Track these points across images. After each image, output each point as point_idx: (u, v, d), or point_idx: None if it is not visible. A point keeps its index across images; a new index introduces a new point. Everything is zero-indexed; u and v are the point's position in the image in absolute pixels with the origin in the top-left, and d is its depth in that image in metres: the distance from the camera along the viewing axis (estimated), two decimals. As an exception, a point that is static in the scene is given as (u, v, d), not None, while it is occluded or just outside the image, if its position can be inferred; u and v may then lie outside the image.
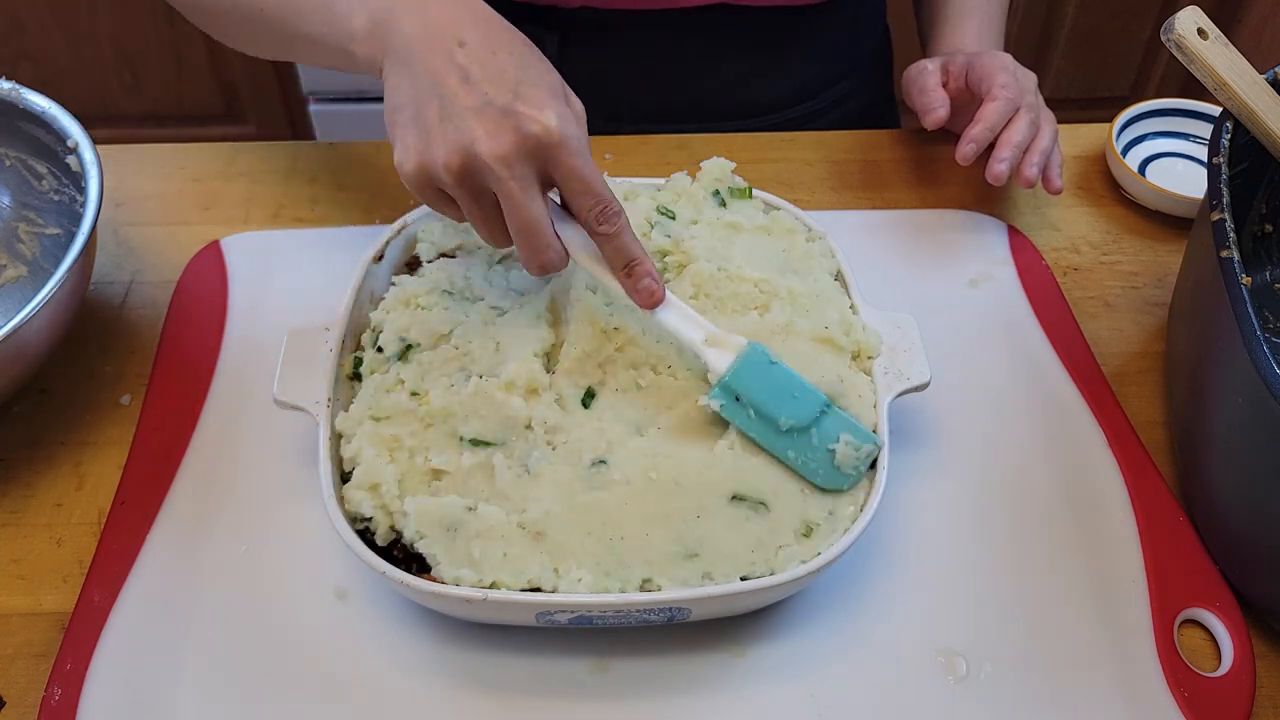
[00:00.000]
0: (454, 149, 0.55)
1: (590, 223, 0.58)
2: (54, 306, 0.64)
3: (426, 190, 0.59)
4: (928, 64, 0.85)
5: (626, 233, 0.59)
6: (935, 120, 0.81)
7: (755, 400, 0.58)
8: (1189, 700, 0.57)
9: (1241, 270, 0.57)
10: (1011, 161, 0.77)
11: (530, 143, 0.55)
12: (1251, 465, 0.58)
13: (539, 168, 0.56)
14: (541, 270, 0.59)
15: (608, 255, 0.59)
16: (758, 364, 0.59)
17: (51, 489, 0.68)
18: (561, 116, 0.56)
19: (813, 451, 0.59)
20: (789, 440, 0.59)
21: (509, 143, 0.55)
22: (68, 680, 0.58)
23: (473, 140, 0.55)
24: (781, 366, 0.60)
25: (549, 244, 0.58)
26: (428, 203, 0.60)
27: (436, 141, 0.56)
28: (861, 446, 0.59)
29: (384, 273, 0.70)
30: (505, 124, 0.55)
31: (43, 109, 0.73)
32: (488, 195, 0.58)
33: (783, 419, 0.58)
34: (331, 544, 0.63)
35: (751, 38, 0.94)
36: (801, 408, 0.59)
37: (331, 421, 0.61)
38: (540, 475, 0.58)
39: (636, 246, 0.59)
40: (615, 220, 0.58)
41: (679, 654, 0.59)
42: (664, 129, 0.94)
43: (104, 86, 1.93)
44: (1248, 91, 0.65)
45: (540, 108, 0.55)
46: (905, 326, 0.66)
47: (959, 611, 0.62)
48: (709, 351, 0.60)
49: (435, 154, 0.56)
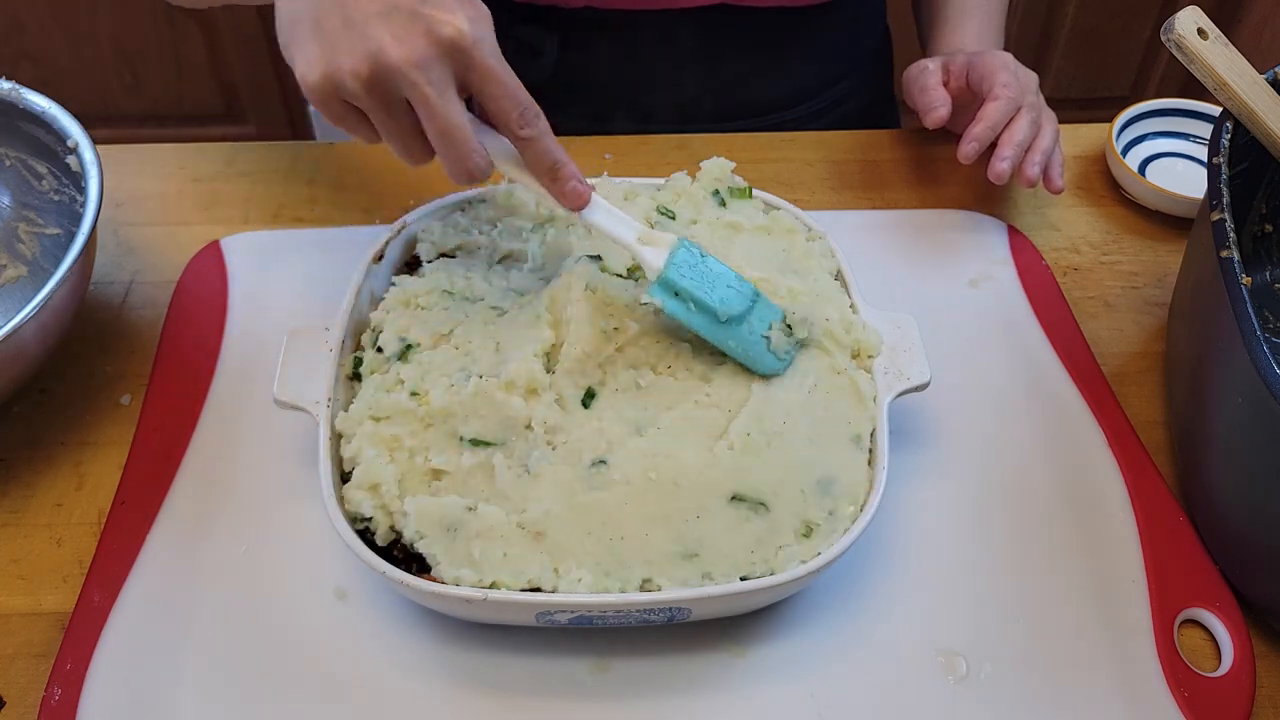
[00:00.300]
0: (362, 56, 0.53)
1: (511, 127, 0.57)
2: (54, 306, 0.64)
3: (333, 104, 0.56)
4: (928, 63, 0.84)
5: (548, 136, 0.58)
6: (936, 119, 0.81)
7: (694, 293, 0.60)
8: (1189, 700, 0.57)
9: (1241, 270, 0.57)
10: (1013, 160, 0.77)
11: (443, 45, 0.53)
12: (1251, 465, 0.58)
13: (454, 71, 0.55)
14: (468, 177, 0.57)
15: (530, 160, 0.59)
16: (691, 258, 0.61)
17: (51, 489, 0.68)
18: (473, 19, 0.54)
19: (751, 339, 0.61)
20: (728, 330, 0.60)
21: (421, 46, 0.53)
22: (68, 680, 0.58)
23: (380, 46, 0.53)
24: (712, 260, 0.61)
25: (473, 148, 0.56)
26: (334, 120, 0.57)
27: (341, 50, 0.54)
28: (793, 331, 0.62)
29: (384, 273, 0.70)
30: (415, 27, 0.53)
31: (43, 109, 0.73)
32: (400, 104, 0.56)
33: (721, 309, 0.60)
34: (331, 544, 0.63)
35: (751, 38, 0.94)
36: (736, 297, 0.61)
37: (331, 421, 0.61)
38: (540, 475, 0.58)
39: (559, 150, 0.59)
40: (536, 123, 0.57)
41: (679, 654, 0.59)
42: (664, 129, 0.94)
43: (104, 86, 1.93)
44: (1248, 91, 0.65)
45: (449, 10, 0.54)
46: (905, 326, 0.66)
47: (959, 611, 0.62)
48: (643, 249, 0.61)
49: (341, 63, 0.54)
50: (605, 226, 0.61)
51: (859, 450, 0.60)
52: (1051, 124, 0.81)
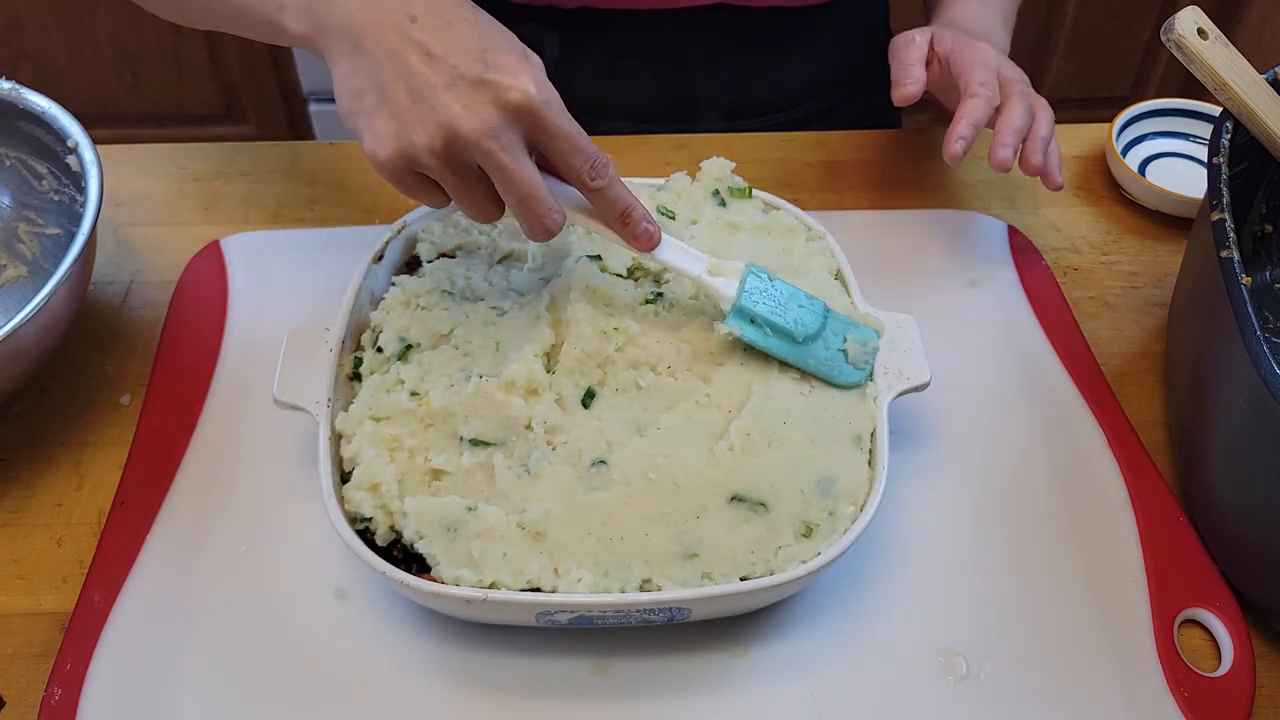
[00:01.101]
0: (434, 130, 0.54)
1: (583, 180, 0.58)
2: (54, 306, 0.64)
3: (406, 177, 0.57)
4: (916, 35, 0.80)
5: (617, 182, 0.59)
6: (903, 96, 0.77)
7: (768, 318, 0.61)
8: (1189, 700, 0.57)
9: (1241, 270, 0.57)
10: (1014, 147, 0.74)
11: (512, 110, 0.54)
12: (1251, 465, 0.58)
13: (524, 134, 0.55)
14: (546, 235, 0.58)
15: (601, 208, 0.60)
16: (761, 284, 0.62)
17: (51, 489, 0.68)
18: (537, 80, 0.55)
19: (829, 354, 0.62)
20: (806, 350, 0.62)
21: (492, 115, 0.53)
22: (68, 680, 0.58)
23: (452, 118, 0.53)
24: (780, 282, 0.63)
25: (550, 207, 0.57)
26: (404, 190, 0.58)
27: (412, 124, 0.54)
28: (867, 341, 0.63)
29: (384, 273, 0.70)
30: (482, 96, 0.54)
31: (43, 109, 0.73)
32: (473, 172, 0.56)
33: (798, 330, 0.61)
34: (331, 544, 0.63)
35: (751, 38, 0.94)
36: (809, 316, 0.63)
37: (331, 421, 0.61)
38: (540, 475, 0.58)
39: (628, 193, 0.60)
40: (605, 172, 0.58)
41: (679, 654, 0.59)
42: (664, 129, 0.94)
43: (104, 86, 1.93)
44: (1248, 91, 0.65)
45: (515, 75, 0.54)
46: (905, 326, 0.66)
47: (959, 611, 0.62)
48: (714, 280, 0.62)
49: (415, 138, 0.54)
50: (675, 263, 0.62)
51: (859, 450, 0.60)
52: (1046, 111, 0.77)
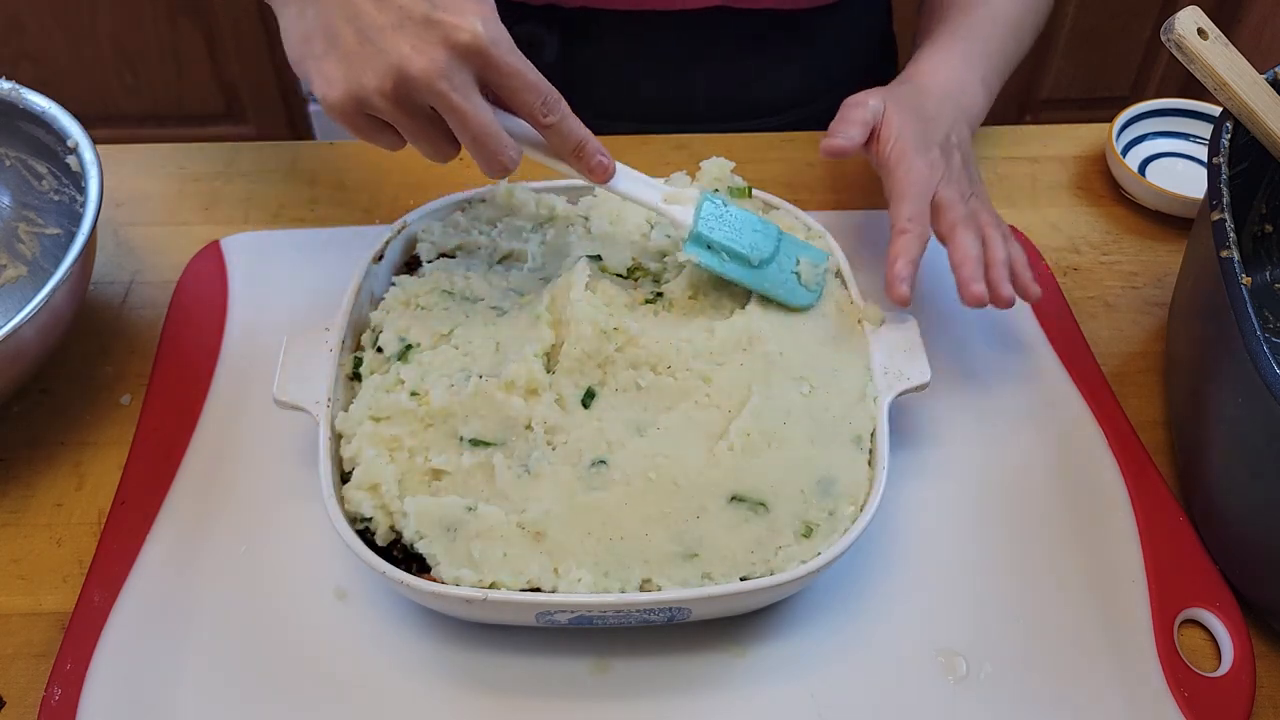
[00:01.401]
0: (384, 72, 0.54)
1: (535, 116, 0.58)
2: (54, 306, 0.64)
3: (357, 119, 0.57)
4: (871, 99, 0.73)
5: (570, 118, 0.60)
6: (829, 147, 0.71)
7: (725, 243, 0.63)
8: (1189, 700, 0.57)
9: (1241, 270, 0.57)
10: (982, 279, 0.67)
11: (461, 49, 0.54)
12: (1251, 465, 0.58)
13: (475, 73, 0.56)
14: (503, 171, 0.59)
15: (555, 143, 0.60)
16: (716, 210, 0.64)
17: (51, 489, 0.68)
18: (485, 19, 0.55)
19: (783, 276, 0.64)
20: (761, 273, 0.64)
21: (441, 55, 0.54)
22: (68, 680, 0.58)
23: (401, 59, 0.53)
24: (734, 208, 0.65)
25: (505, 144, 0.58)
26: (357, 133, 0.58)
27: (361, 67, 0.54)
28: (819, 264, 0.66)
29: (384, 273, 0.70)
30: (431, 36, 0.54)
31: (43, 109, 0.73)
32: (425, 113, 0.56)
33: (753, 254, 0.63)
34: (331, 544, 0.63)
35: (751, 40, 0.94)
36: (764, 240, 0.64)
37: (331, 421, 0.61)
38: (540, 475, 0.58)
39: (581, 129, 0.60)
40: (558, 108, 0.59)
41: (679, 654, 0.59)
42: (664, 129, 0.94)
43: (104, 86, 1.92)
44: (1248, 91, 0.65)
45: (462, 14, 0.54)
46: (905, 326, 0.66)
47: (959, 611, 0.62)
48: (672, 209, 0.64)
49: (364, 81, 0.54)
50: (631, 193, 0.64)
51: (859, 450, 0.60)
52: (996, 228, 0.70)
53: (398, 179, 0.88)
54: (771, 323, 0.64)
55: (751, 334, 0.63)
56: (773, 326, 0.64)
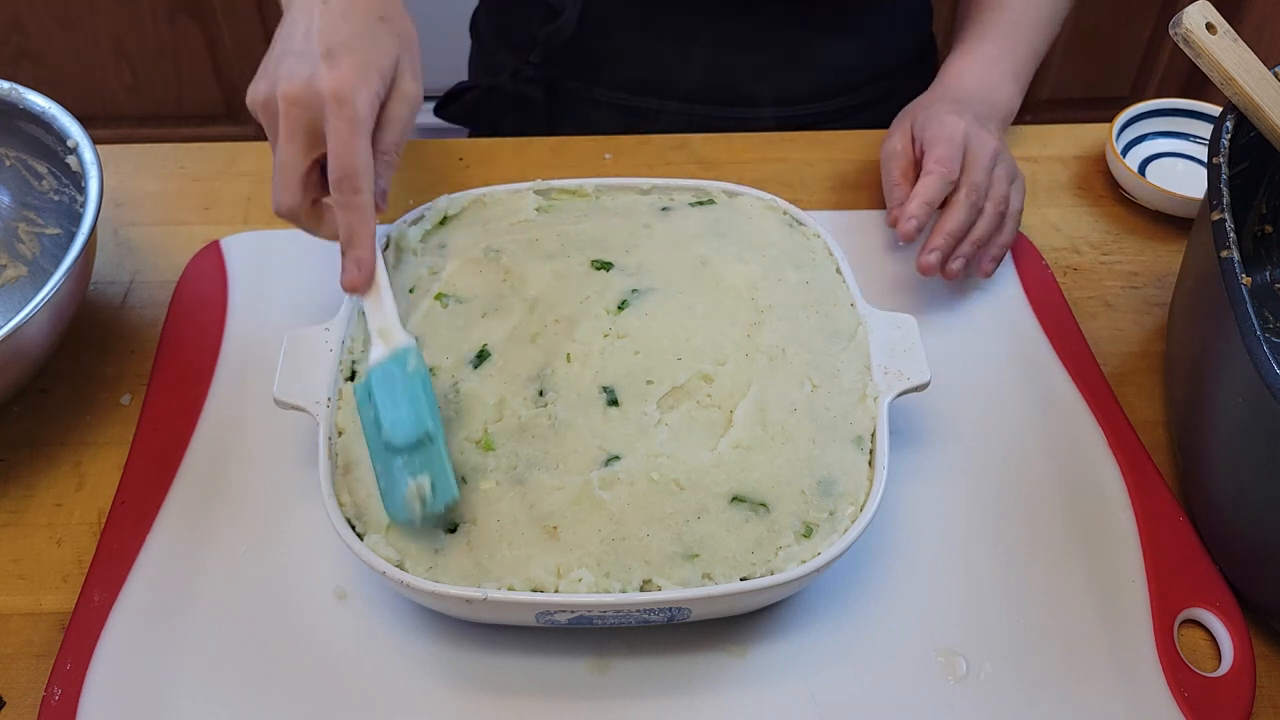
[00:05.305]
0: (266, 84, 0.61)
1: (331, 184, 0.61)
2: (54, 306, 0.64)
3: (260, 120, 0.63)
4: (897, 143, 0.80)
5: (358, 213, 0.62)
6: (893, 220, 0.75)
7: (376, 401, 0.58)
8: (1189, 700, 0.57)
9: (1241, 270, 0.57)
10: (943, 251, 0.73)
11: (311, 95, 0.60)
12: (1251, 465, 0.58)
13: (313, 121, 0.60)
14: (275, 208, 0.63)
15: (339, 224, 0.63)
16: (398, 367, 0.59)
17: (51, 489, 0.68)
18: (355, 88, 0.60)
19: (394, 474, 0.56)
20: (383, 454, 0.56)
21: (296, 88, 0.60)
22: (68, 680, 0.58)
23: (277, 79, 0.61)
24: (415, 379, 0.58)
25: (287, 187, 0.62)
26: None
27: (265, 77, 0.62)
28: (435, 497, 0.55)
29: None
30: (302, 72, 0.60)
31: (43, 109, 0.73)
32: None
33: (384, 429, 0.56)
34: (331, 544, 0.63)
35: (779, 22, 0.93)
36: (401, 427, 0.56)
37: (332, 421, 0.61)
38: (545, 475, 0.58)
39: (363, 229, 0.62)
40: (350, 195, 0.61)
41: (679, 654, 0.59)
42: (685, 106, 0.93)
43: (104, 86, 1.93)
44: (1254, 87, 0.65)
45: (339, 70, 0.60)
46: (905, 326, 0.66)
47: (959, 611, 0.62)
48: (375, 343, 0.62)
49: (257, 88, 0.62)
50: (367, 313, 0.63)
51: (859, 450, 0.60)
52: (994, 206, 0.75)
53: (398, 179, 0.88)
54: (773, 323, 0.64)
55: (752, 334, 0.63)
56: (774, 326, 0.64)
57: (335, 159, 0.60)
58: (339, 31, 0.61)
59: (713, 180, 0.75)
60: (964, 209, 0.74)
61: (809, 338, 0.64)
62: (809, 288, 0.68)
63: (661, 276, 0.67)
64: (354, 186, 0.61)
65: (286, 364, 0.63)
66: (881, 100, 1.02)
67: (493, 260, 0.69)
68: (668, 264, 0.68)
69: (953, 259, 0.74)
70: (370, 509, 0.57)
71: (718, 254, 0.68)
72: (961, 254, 0.74)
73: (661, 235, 0.70)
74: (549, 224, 0.72)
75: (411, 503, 0.55)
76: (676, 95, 0.97)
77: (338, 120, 0.59)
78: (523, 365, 0.62)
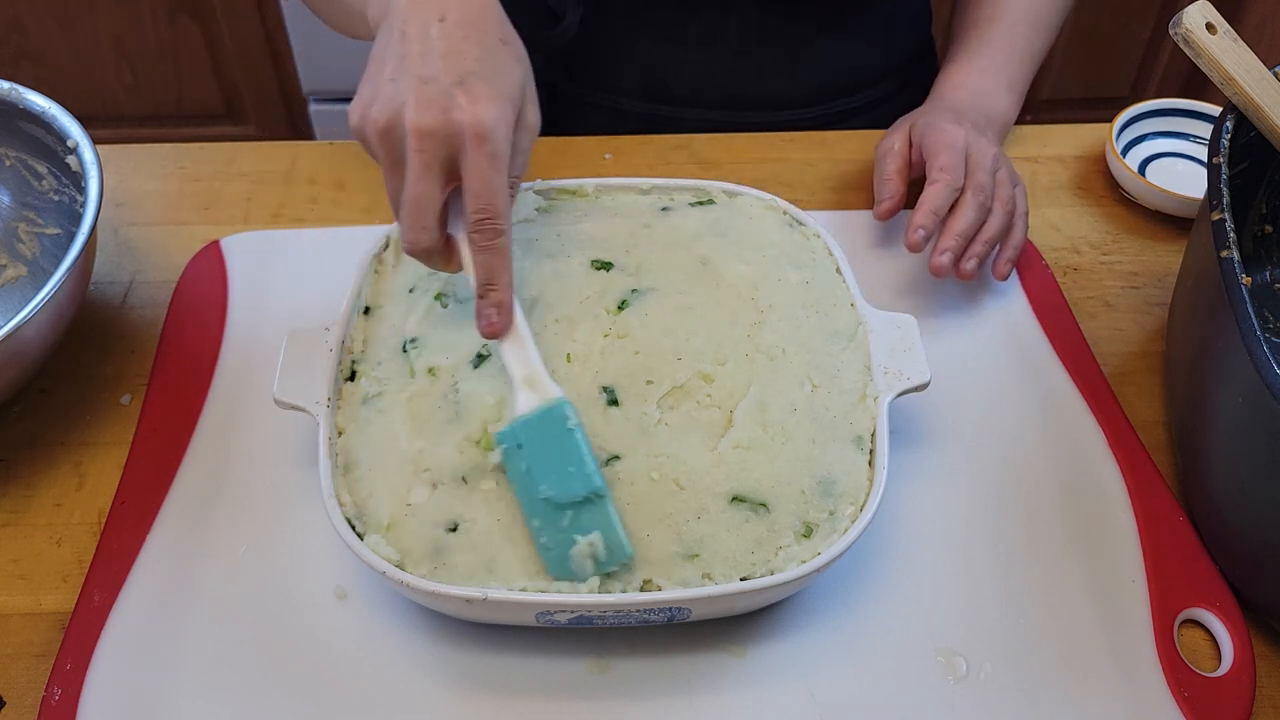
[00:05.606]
0: (387, 110, 0.56)
1: (470, 224, 0.58)
2: (54, 306, 0.64)
3: (365, 146, 0.59)
4: (895, 142, 0.81)
5: (499, 255, 0.58)
6: (881, 212, 0.78)
7: (530, 456, 0.56)
8: (1189, 700, 0.57)
9: (1241, 270, 0.57)
10: (955, 252, 0.73)
11: (451, 128, 0.56)
12: (1251, 465, 0.58)
13: (450, 155, 0.57)
14: (409, 248, 0.59)
15: (474, 266, 0.59)
16: (554, 422, 0.57)
17: (51, 489, 0.68)
18: (495, 119, 0.56)
19: (556, 532, 0.55)
20: (540, 509, 0.55)
21: (431, 120, 0.55)
22: (68, 680, 0.58)
23: (403, 105, 0.56)
24: (575, 436, 0.56)
25: (425, 226, 0.58)
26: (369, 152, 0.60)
27: (378, 99, 0.57)
28: (608, 556, 0.54)
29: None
30: (438, 102, 0.56)
31: (43, 109, 0.73)
32: (402, 164, 0.58)
33: (543, 485, 0.55)
34: (331, 544, 0.63)
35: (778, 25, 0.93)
36: (566, 484, 0.55)
37: (332, 421, 0.61)
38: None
39: (504, 272, 0.59)
40: (492, 237, 0.58)
41: (679, 654, 0.59)
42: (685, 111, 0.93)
43: (104, 86, 1.93)
44: (1254, 87, 0.65)
45: (477, 101, 0.56)
46: (905, 326, 0.66)
47: (959, 611, 0.62)
48: (520, 391, 0.58)
49: (372, 111, 0.57)
50: (506, 359, 0.60)
51: (859, 450, 0.60)
52: (1003, 206, 0.75)
53: (398, 179, 0.88)
54: (773, 323, 0.64)
55: (752, 334, 0.63)
56: (774, 326, 0.64)
57: (476, 198, 0.57)
58: (465, 56, 0.57)
59: (713, 180, 0.75)
60: (972, 209, 0.74)
61: (809, 338, 0.64)
62: (809, 288, 0.68)
63: (661, 276, 0.67)
64: (496, 228, 0.57)
65: (286, 364, 0.63)
66: (882, 102, 1.02)
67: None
68: (668, 264, 0.68)
69: (966, 259, 0.74)
70: (370, 509, 0.57)
71: (718, 254, 0.68)
72: (975, 254, 0.74)
73: (661, 235, 0.70)
74: (549, 224, 0.72)
75: (583, 561, 0.54)
76: (676, 99, 0.97)
77: (479, 156, 0.56)
78: (523, 365, 0.62)
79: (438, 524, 0.57)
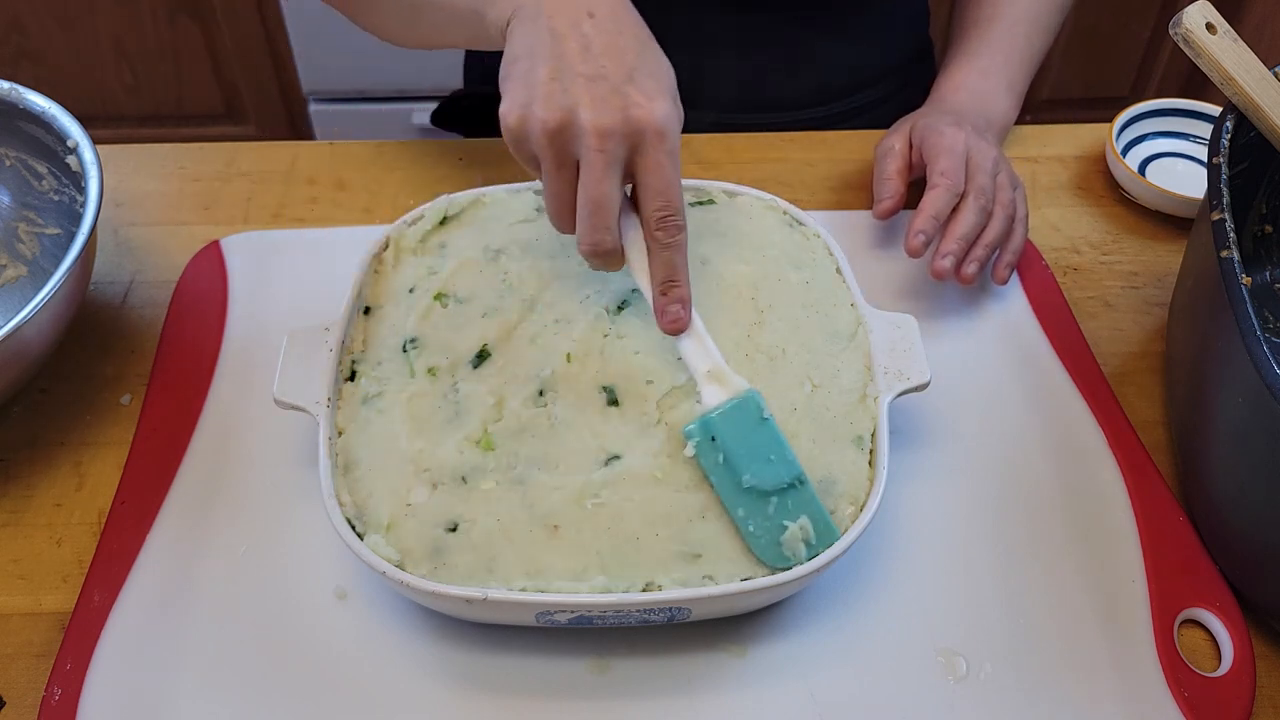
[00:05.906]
0: (556, 110, 0.55)
1: (651, 224, 0.57)
2: (54, 306, 0.64)
3: (521, 147, 0.58)
4: (895, 142, 0.81)
5: (680, 251, 0.58)
6: (881, 211, 0.78)
7: (728, 448, 0.56)
8: (1189, 700, 0.57)
9: (1241, 270, 0.57)
10: (956, 256, 0.73)
11: (631, 126, 0.55)
12: (1251, 465, 0.58)
13: (628, 154, 0.56)
14: (591, 250, 0.58)
15: (654, 264, 0.59)
16: (747, 414, 0.57)
17: (51, 489, 0.68)
18: (670, 116, 0.56)
19: (764, 520, 0.56)
20: (744, 498, 0.56)
21: (612, 120, 0.55)
22: (68, 680, 0.58)
23: (576, 104, 0.55)
24: (771, 425, 0.58)
25: (608, 228, 0.57)
26: (521, 161, 0.59)
27: (540, 99, 0.56)
28: (817, 544, 0.56)
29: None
30: (613, 100, 0.55)
31: (43, 109, 0.73)
32: (570, 165, 0.57)
33: (746, 476, 0.56)
34: (331, 544, 0.63)
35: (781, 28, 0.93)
36: (770, 472, 0.56)
37: (332, 421, 0.61)
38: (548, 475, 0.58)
39: (684, 268, 0.59)
40: (675, 234, 0.57)
41: (679, 654, 0.59)
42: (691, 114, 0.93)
43: (104, 86, 1.93)
44: (1254, 87, 0.65)
45: (651, 97, 0.55)
46: (905, 326, 0.66)
47: (959, 611, 0.62)
48: (707, 386, 0.59)
49: (536, 111, 0.56)
50: (687, 355, 0.59)
51: (859, 450, 0.60)
52: (1004, 210, 0.75)
53: (398, 179, 0.88)
54: (773, 323, 0.64)
55: (753, 334, 0.63)
56: (774, 326, 0.64)
57: (659, 196, 0.56)
58: (626, 51, 0.57)
59: (713, 180, 0.75)
60: (973, 213, 0.74)
61: (809, 338, 0.64)
62: (809, 288, 0.67)
63: (662, 276, 0.68)
64: (678, 224, 0.57)
65: (286, 364, 0.63)
66: (882, 102, 1.02)
67: (492, 260, 0.69)
68: (668, 264, 0.68)
69: (967, 263, 0.73)
70: (370, 509, 0.57)
71: (718, 254, 0.68)
72: (975, 258, 0.74)
73: (661, 235, 0.70)
74: (549, 224, 0.72)
75: (795, 545, 0.56)
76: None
77: (660, 154, 0.56)
78: (522, 365, 0.62)
79: (438, 524, 0.57)
